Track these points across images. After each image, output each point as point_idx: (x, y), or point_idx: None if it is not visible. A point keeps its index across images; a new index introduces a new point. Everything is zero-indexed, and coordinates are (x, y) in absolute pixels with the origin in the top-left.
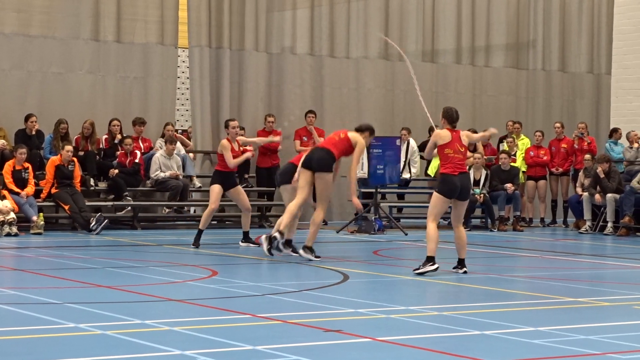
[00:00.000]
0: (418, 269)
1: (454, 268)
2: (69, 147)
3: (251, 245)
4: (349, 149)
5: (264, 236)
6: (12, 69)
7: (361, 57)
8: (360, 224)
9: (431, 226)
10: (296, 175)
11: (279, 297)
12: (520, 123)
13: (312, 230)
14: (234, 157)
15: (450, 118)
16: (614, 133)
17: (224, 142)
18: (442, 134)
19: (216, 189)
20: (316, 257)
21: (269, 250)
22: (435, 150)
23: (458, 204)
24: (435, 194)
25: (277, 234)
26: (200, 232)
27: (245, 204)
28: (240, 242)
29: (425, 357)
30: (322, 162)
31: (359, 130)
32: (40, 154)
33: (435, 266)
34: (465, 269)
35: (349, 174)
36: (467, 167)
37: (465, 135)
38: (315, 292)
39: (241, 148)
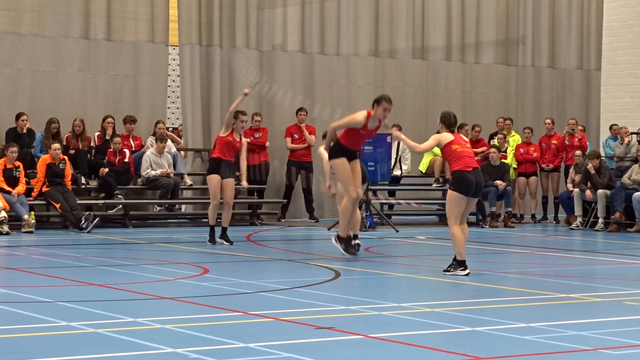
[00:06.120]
0: (448, 270)
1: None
2: (55, 145)
3: (225, 243)
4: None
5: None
6: (2, 68)
7: (351, 54)
8: None
9: (455, 229)
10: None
11: (270, 295)
12: (511, 119)
13: (340, 220)
14: (233, 145)
15: (448, 122)
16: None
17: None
18: (445, 135)
19: (215, 180)
20: (346, 250)
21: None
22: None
23: (470, 200)
24: (451, 193)
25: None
26: (211, 228)
27: (229, 198)
28: (217, 238)
29: (417, 354)
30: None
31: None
32: (31, 152)
33: (467, 271)
34: (468, 271)
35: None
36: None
37: (465, 140)
38: (307, 289)
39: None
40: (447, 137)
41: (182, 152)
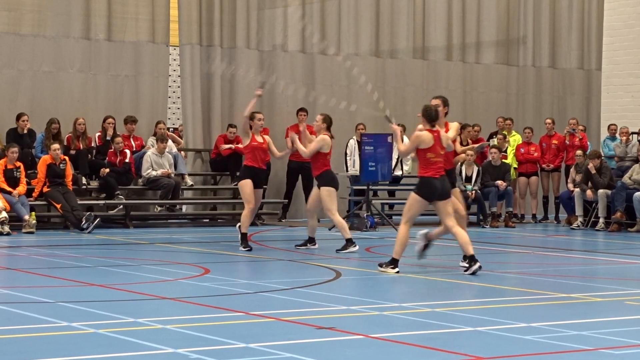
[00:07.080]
0: (381, 265)
1: (465, 270)
2: (55, 146)
3: (242, 248)
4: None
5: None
6: (3, 68)
7: (352, 54)
8: (353, 221)
9: (404, 229)
10: None
11: (271, 295)
12: (512, 119)
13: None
14: (255, 147)
15: (429, 117)
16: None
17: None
18: (425, 138)
19: (248, 185)
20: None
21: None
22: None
23: (440, 204)
24: (413, 195)
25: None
26: (244, 235)
27: (256, 206)
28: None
29: (417, 354)
30: None
31: None
32: (32, 153)
33: (396, 269)
34: (478, 263)
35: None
36: (459, 163)
37: (445, 138)
38: (308, 289)
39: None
40: (426, 141)
41: (182, 152)
